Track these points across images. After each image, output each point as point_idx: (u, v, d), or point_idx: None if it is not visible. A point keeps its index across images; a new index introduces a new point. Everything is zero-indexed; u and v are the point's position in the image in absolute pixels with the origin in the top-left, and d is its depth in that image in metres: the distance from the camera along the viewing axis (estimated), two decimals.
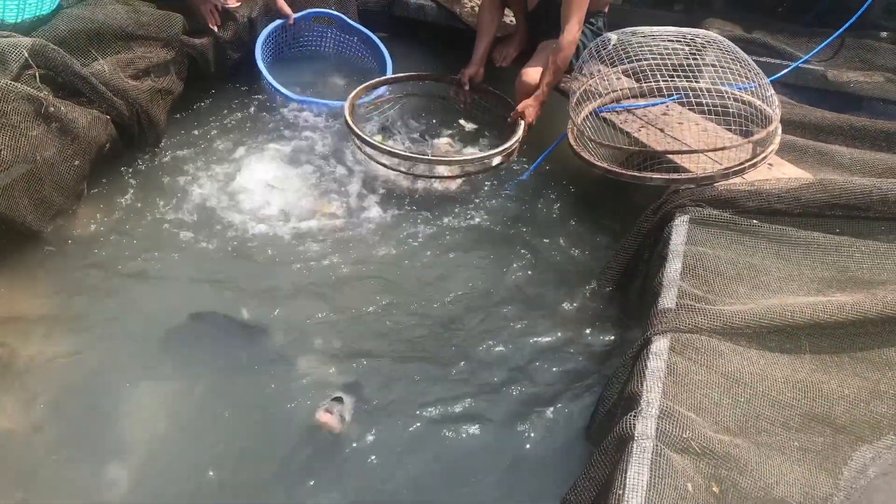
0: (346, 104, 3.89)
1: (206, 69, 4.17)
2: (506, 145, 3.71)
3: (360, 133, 3.71)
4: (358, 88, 4.08)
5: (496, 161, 3.78)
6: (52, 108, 3.07)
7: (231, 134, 4.01)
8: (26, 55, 3.10)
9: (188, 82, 4.02)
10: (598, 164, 3.28)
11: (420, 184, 3.80)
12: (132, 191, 3.51)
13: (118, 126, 3.48)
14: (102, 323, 2.86)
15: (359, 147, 3.82)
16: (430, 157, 3.75)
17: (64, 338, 2.77)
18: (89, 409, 2.54)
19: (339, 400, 2.56)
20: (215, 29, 4.16)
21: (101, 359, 2.71)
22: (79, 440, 2.45)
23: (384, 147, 3.69)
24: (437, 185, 3.82)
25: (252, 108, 4.25)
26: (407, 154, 3.66)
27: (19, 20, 3.42)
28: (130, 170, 3.62)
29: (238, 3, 4.37)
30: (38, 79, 3.14)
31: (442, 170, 3.78)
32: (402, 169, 3.75)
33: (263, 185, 3.63)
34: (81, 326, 2.83)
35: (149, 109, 3.59)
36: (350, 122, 3.76)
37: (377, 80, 4.26)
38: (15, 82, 3.00)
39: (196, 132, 3.99)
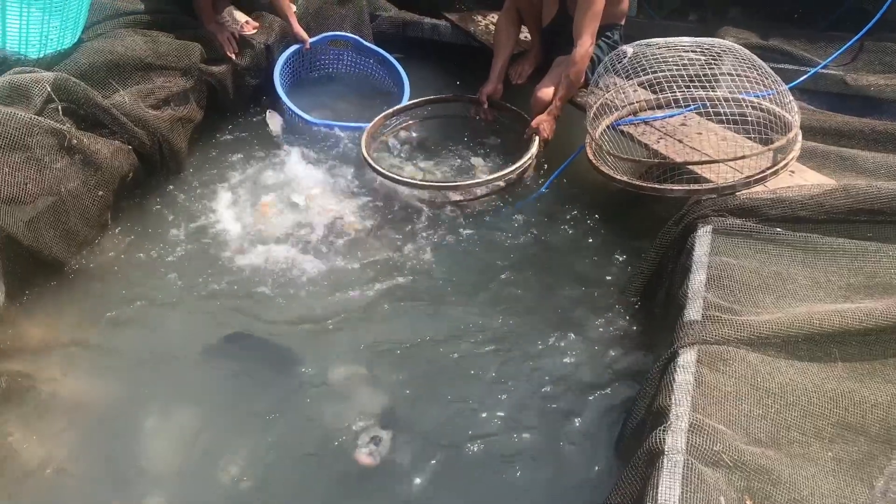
0: (363, 137, 3.93)
1: (226, 97, 4.22)
2: (519, 163, 3.71)
3: (375, 166, 3.76)
4: (375, 119, 4.10)
5: (512, 178, 3.78)
6: (75, 141, 3.12)
7: (253, 159, 4.04)
8: (49, 89, 3.16)
9: (208, 110, 4.07)
10: (618, 177, 3.27)
11: (439, 200, 3.80)
12: (156, 219, 3.54)
13: (140, 155, 3.53)
14: (130, 352, 2.88)
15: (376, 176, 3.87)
16: (443, 184, 3.77)
17: (93, 368, 2.79)
18: (118, 438, 2.55)
19: (376, 440, 2.55)
20: (233, 57, 4.21)
21: (129, 388, 2.73)
22: (108, 471, 2.45)
23: (398, 178, 3.72)
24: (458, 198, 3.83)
25: (273, 134, 4.27)
26: (419, 182, 3.71)
27: (41, 55, 3.49)
28: (154, 198, 3.66)
29: (255, 31, 4.43)
30: (60, 112, 3.19)
31: (456, 193, 3.80)
32: (426, 196, 3.78)
33: (288, 210, 3.65)
34: (109, 356, 2.84)
35: (170, 138, 3.64)
36: (366, 155, 3.80)
37: (393, 109, 4.29)
38: (38, 116, 3.06)
39: (218, 159, 4.03)
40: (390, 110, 4.26)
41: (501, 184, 3.80)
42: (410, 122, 4.39)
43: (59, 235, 3.07)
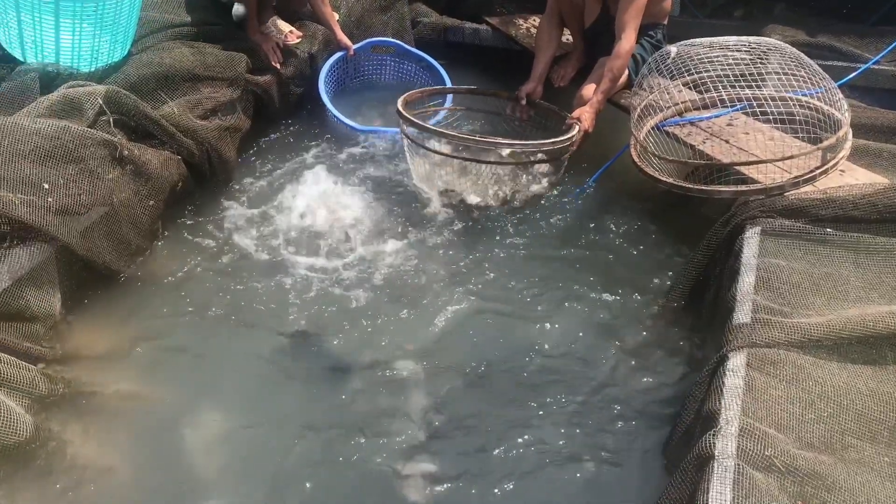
0: (400, 99, 3.91)
1: (271, 105, 4.28)
2: (563, 137, 3.69)
3: (410, 117, 3.72)
4: (413, 90, 4.14)
5: (549, 152, 3.76)
6: (126, 152, 3.19)
7: (301, 167, 4.08)
8: (101, 102, 3.23)
9: (255, 119, 4.12)
10: (664, 179, 3.24)
11: (479, 198, 3.80)
12: (206, 228, 3.59)
13: (189, 165, 3.59)
14: (183, 360, 2.92)
15: (407, 136, 3.82)
16: (486, 139, 3.65)
17: (147, 374, 2.83)
18: (174, 445, 2.57)
19: (426, 477, 2.50)
20: (278, 66, 4.27)
21: (183, 396, 2.76)
22: (165, 478, 2.48)
23: (438, 130, 3.67)
24: (510, 196, 3.82)
25: (319, 141, 4.32)
26: (461, 135, 3.62)
27: (93, 69, 3.58)
28: (203, 207, 3.71)
29: (298, 40, 4.49)
30: (112, 124, 3.27)
31: (495, 155, 3.77)
32: (453, 153, 3.74)
33: (337, 219, 3.67)
34: (163, 363, 2.89)
35: (218, 147, 3.69)
36: (401, 109, 3.78)
37: (435, 87, 4.36)
38: (91, 129, 3.14)
39: (266, 167, 4.08)
40: (429, 88, 4.31)
41: (540, 156, 3.78)
42: (446, 107, 4.42)
43: (112, 245, 3.13)
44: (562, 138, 3.69)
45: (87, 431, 2.58)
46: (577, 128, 3.79)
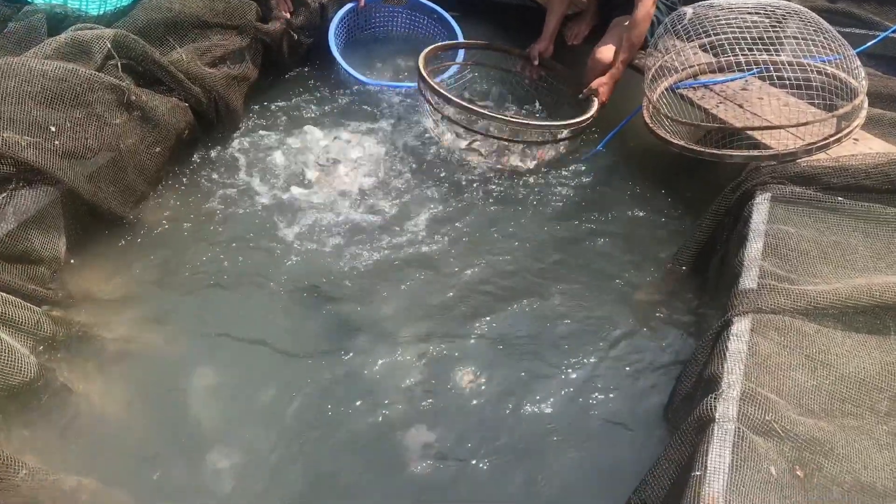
0: (420, 59, 3.86)
1: (280, 55, 4.23)
2: (582, 117, 3.66)
3: (437, 87, 3.68)
4: (430, 47, 4.08)
5: (566, 133, 3.73)
6: (134, 97, 3.17)
7: (307, 119, 4.05)
8: (109, 46, 3.20)
9: (263, 69, 4.08)
10: (676, 141, 3.21)
11: (489, 161, 3.78)
12: (212, 176, 3.57)
13: (196, 113, 3.56)
14: (185, 307, 2.92)
15: (429, 101, 3.78)
16: (507, 118, 3.64)
17: (148, 320, 2.83)
18: (175, 392, 2.59)
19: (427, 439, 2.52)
20: (288, 16, 4.21)
21: (185, 342, 2.77)
22: (167, 425, 2.50)
23: (462, 103, 3.61)
24: (514, 161, 3.79)
25: (327, 93, 4.28)
26: (483, 111, 3.58)
27: (101, 12, 3.54)
28: (210, 156, 3.68)
29: None
30: (119, 69, 3.23)
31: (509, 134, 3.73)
32: (467, 125, 3.73)
33: (343, 172, 3.65)
34: (165, 309, 2.89)
35: (226, 96, 3.66)
36: (423, 72, 3.74)
37: (449, 42, 4.32)
38: (99, 72, 3.11)
39: (273, 118, 4.05)
40: (445, 43, 4.28)
41: (553, 134, 3.75)
42: (456, 63, 4.38)
43: (118, 190, 3.12)
44: (584, 117, 3.67)
45: (90, 373, 2.60)
46: (595, 101, 3.76)
